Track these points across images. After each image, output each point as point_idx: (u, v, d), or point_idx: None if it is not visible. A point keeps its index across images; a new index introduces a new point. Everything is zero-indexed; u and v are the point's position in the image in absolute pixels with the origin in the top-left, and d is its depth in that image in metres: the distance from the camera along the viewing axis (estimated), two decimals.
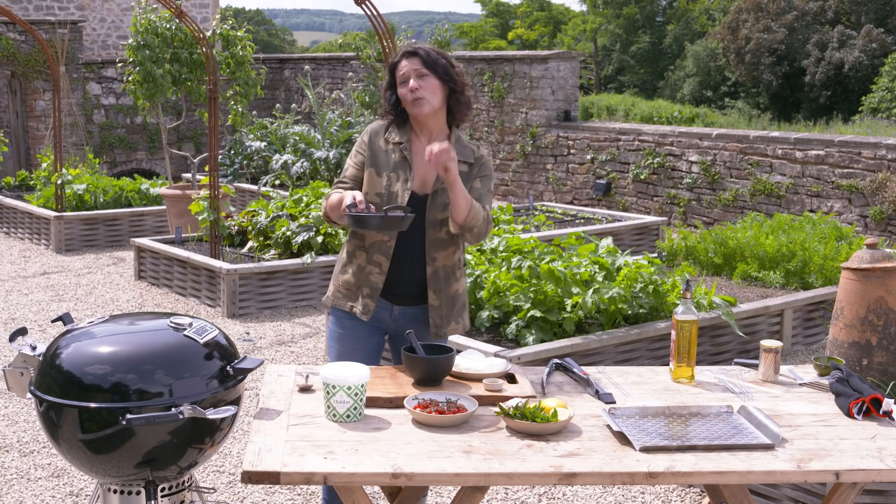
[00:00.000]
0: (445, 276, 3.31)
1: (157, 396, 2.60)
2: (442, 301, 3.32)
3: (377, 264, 3.29)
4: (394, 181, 3.25)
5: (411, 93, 3.20)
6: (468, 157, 3.31)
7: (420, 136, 3.31)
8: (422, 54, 3.23)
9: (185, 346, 2.72)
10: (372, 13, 5.77)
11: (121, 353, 2.65)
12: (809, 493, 3.69)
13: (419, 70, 3.20)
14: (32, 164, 14.60)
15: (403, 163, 3.27)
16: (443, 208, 3.24)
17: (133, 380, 2.59)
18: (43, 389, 2.66)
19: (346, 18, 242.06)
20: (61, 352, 2.70)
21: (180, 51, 10.28)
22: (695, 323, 3.07)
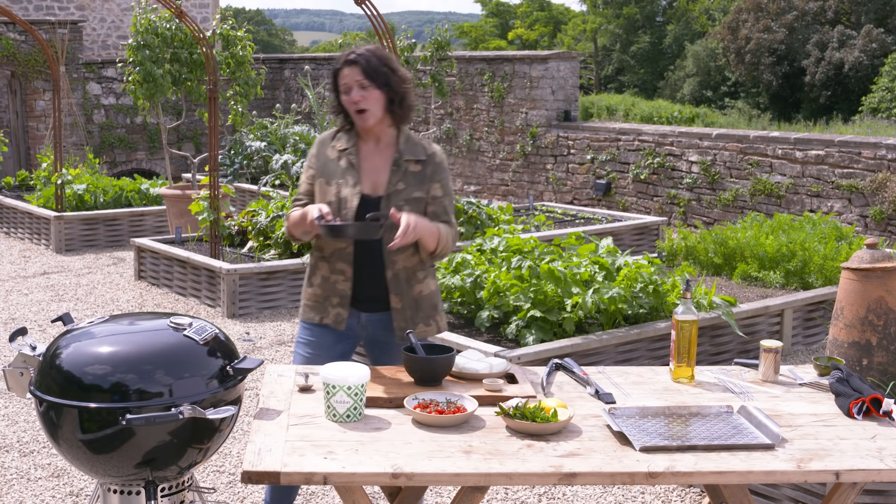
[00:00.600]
0: (407, 278, 3.27)
1: (157, 396, 2.60)
2: (405, 303, 3.28)
3: (341, 272, 3.26)
4: (342, 188, 3.22)
5: (352, 104, 3.17)
6: (419, 154, 3.27)
7: (366, 139, 3.28)
8: (362, 63, 3.16)
9: (184, 346, 2.72)
10: (372, 13, 5.76)
11: (121, 353, 2.65)
12: (809, 493, 3.69)
13: (360, 81, 3.15)
14: (32, 164, 14.60)
15: (350, 169, 3.24)
16: (398, 210, 3.18)
17: (133, 380, 2.59)
18: (43, 389, 2.66)
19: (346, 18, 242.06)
20: (61, 352, 2.70)
21: (180, 51, 10.28)
22: (695, 323, 3.07)
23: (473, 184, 14.78)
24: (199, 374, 2.68)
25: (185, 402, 2.59)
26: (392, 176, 3.23)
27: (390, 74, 3.19)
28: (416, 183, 3.25)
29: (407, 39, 12.71)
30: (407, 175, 3.24)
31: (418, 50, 12.94)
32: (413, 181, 3.25)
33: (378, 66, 3.18)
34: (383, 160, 3.26)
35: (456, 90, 14.87)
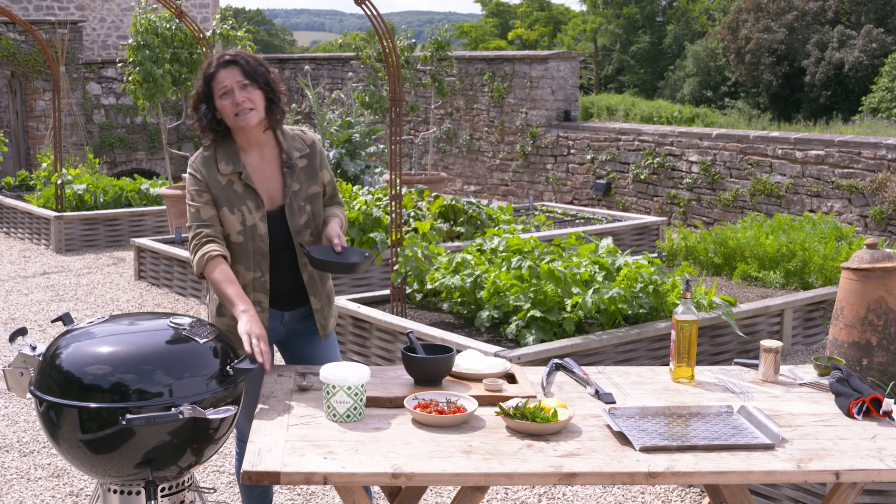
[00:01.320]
0: (320, 277, 3.28)
1: (157, 396, 2.59)
2: (322, 302, 3.29)
3: (257, 303, 3.18)
4: (246, 214, 3.11)
5: (236, 106, 3.04)
6: (302, 147, 3.23)
7: (248, 150, 3.16)
8: (242, 64, 3.06)
9: (184, 347, 2.72)
10: (372, 13, 5.76)
11: (120, 353, 2.65)
12: (809, 493, 3.69)
13: (241, 81, 3.04)
14: (32, 164, 14.60)
15: (248, 191, 3.12)
16: (300, 212, 3.17)
17: (133, 380, 2.59)
18: (43, 389, 2.66)
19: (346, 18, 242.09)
20: (61, 352, 2.70)
21: (180, 51, 10.28)
22: (695, 323, 3.07)
23: (473, 184, 14.78)
24: (198, 375, 2.67)
25: (185, 403, 2.59)
26: (286, 179, 3.16)
27: (267, 74, 3.12)
28: (307, 178, 3.21)
29: (407, 39, 12.72)
30: (298, 173, 3.20)
31: (418, 50, 12.94)
32: (305, 177, 3.21)
33: (255, 65, 3.09)
34: (271, 167, 3.18)
35: (456, 90, 14.87)
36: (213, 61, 3.11)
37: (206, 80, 3.09)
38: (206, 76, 3.09)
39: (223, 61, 3.07)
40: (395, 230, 6.12)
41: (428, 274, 6.21)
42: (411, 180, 11.73)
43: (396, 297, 6.09)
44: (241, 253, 3.16)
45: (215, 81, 3.07)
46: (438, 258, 6.33)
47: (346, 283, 7.70)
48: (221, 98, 3.06)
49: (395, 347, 5.74)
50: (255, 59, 3.13)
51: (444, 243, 8.17)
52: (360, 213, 7.85)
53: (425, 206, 8.60)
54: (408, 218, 8.12)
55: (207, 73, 3.09)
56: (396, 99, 5.94)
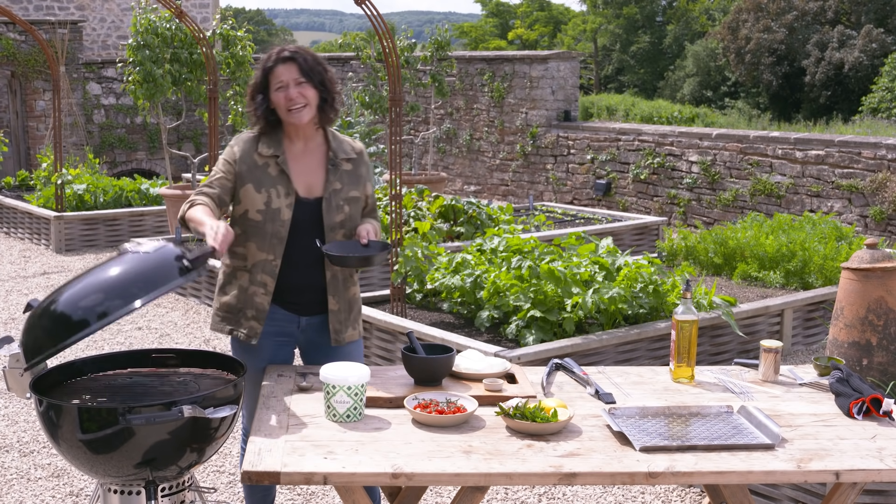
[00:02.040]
0: (343, 280, 3.26)
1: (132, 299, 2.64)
2: (341, 305, 3.27)
3: (262, 284, 3.19)
4: (273, 197, 3.15)
5: (289, 101, 3.12)
6: (350, 152, 3.28)
7: (294, 141, 3.23)
8: (300, 61, 3.13)
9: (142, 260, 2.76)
10: (372, 13, 5.76)
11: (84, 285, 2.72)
12: (809, 493, 3.69)
13: (297, 78, 3.12)
14: (32, 164, 14.60)
15: (281, 176, 3.17)
16: (338, 210, 3.19)
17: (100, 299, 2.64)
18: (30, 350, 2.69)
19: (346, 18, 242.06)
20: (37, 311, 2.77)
21: (180, 51, 10.28)
22: (695, 323, 3.07)
23: (473, 184, 14.78)
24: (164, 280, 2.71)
25: (186, 402, 2.59)
26: (329, 176, 3.21)
27: (324, 73, 3.18)
28: (350, 182, 3.25)
29: (407, 39, 12.72)
30: (342, 174, 3.23)
31: (418, 50, 12.95)
32: (348, 180, 3.25)
33: (313, 64, 3.16)
34: (315, 160, 3.23)
35: (456, 90, 14.87)
36: (274, 55, 3.18)
37: (264, 73, 3.17)
38: (264, 69, 3.18)
39: (283, 57, 3.15)
40: (395, 230, 6.12)
41: (428, 274, 6.21)
42: (411, 180, 11.73)
43: (396, 297, 6.09)
44: (256, 232, 3.17)
45: (273, 75, 3.15)
46: (438, 258, 6.33)
47: None
48: (277, 91, 3.15)
49: (395, 347, 5.75)
50: (313, 57, 3.19)
51: (444, 243, 8.17)
52: None
53: (425, 206, 8.60)
54: (408, 218, 8.12)
55: (266, 66, 3.17)
56: (396, 99, 5.95)
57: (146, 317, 7.42)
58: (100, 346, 6.62)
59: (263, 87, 3.18)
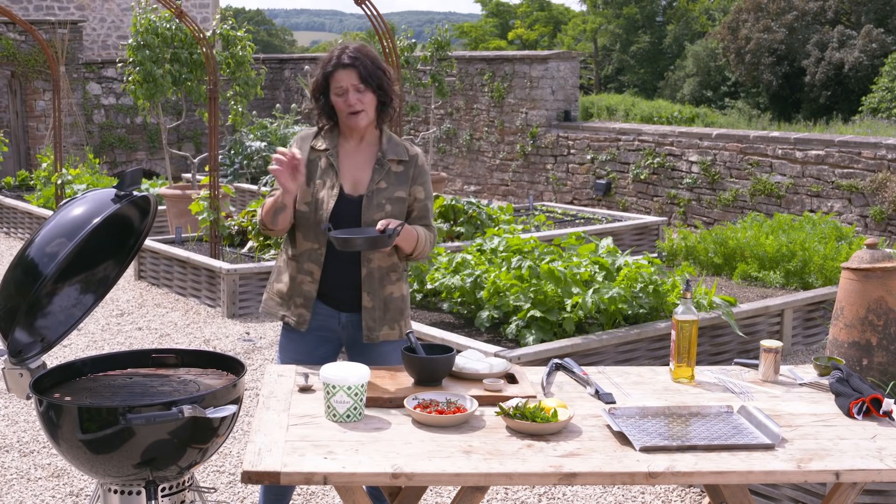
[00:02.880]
0: (380, 278, 3.27)
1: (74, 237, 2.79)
2: (375, 303, 3.27)
3: (308, 273, 3.25)
4: (320, 188, 3.21)
5: (349, 107, 3.17)
6: (402, 154, 3.29)
7: (349, 138, 3.28)
8: (360, 69, 3.16)
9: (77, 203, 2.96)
10: (372, 13, 5.76)
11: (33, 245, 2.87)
12: (809, 493, 3.69)
13: (357, 85, 3.15)
14: (32, 164, 14.60)
15: (329, 169, 3.23)
16: (378, 209, 3.20)
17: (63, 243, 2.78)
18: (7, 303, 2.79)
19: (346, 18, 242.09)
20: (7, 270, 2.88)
21: (180, 51, 10.28)
22: (695, 323, 3.07)
23: (473, 184, 14.78)
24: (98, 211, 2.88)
25: (186, 402, 2.59)
26: (374, 174, 3.23)
27: (383, 77, 3.21)
28: (397, 183, 3.26)
29: (407, 39, 12.72)
30: (389, 174, 3.25)
31: (418, 50, 12.94)
32: (395, 181, 3.26)
33: (373, 69, 3.19)
34: (365, 158, 3.26)
35: (456, 90, 14.87)
36: (335, 58, 3.20)
37: (324, 76, 3.21)
38: (325, 72, 3.21)
39: (342, 62, 3.17)
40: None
41: (428, 274, 6.21)
42: None
43: None
44: (303, 222, 3.24)
45: (333, 79, 3.19)
46: (438, 258, 6.33)
47: None
48: (336, 96, 3.19)
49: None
50: (373, 61, 3.20)
51: (444, 243, 8.17)
52: None
53: None
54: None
55: (327, 70, 3.21)
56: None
57: (146, 317, 7.42)
58: (100, 346, 6.62)
59: (325, 88, 3.22)
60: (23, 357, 2.93)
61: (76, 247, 2.79)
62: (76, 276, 3.08)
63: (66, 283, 3.05)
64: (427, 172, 3.35)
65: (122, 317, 7.43)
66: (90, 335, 6.88)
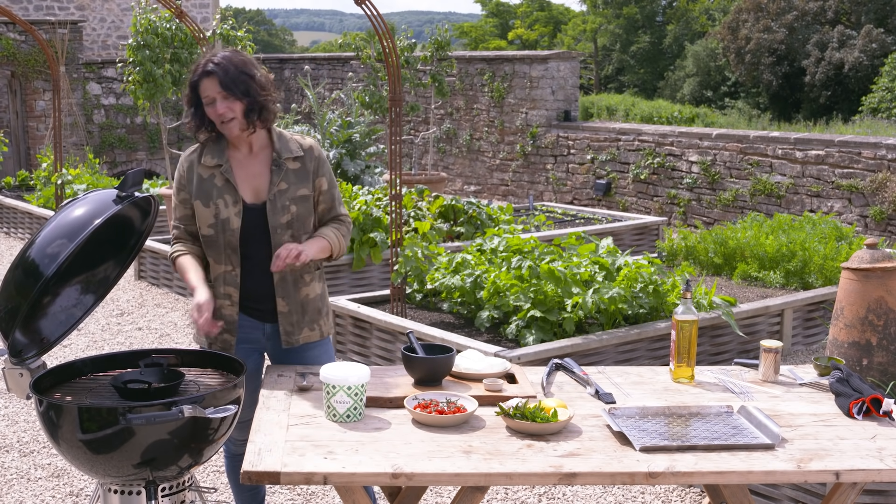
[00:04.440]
0: (294, 281, 3.21)
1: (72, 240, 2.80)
2: (291, 307, 3.21)
3: (227, 296, 3.19)
4: (221, 208, 3.13)
5: (217, 116, 3.08)
6: (296, 150, 3.21)
7: (238, 147, 3.19)
8: (219, 74, 3.05)
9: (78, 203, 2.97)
10: (372, 13, 5.76)
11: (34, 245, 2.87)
12: (809, 493, 3.69)
13: (221, 93, 3.06)
14: (32, 164, 14.60)
15: (227, 186, 3.14)
16: (283, 211, 3.14)
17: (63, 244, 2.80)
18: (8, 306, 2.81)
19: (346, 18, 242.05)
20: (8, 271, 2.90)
21: (180, 51, 10.28)
22: (695, 323, 3.07)
23: (473, 184, 14.78)
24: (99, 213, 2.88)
25: (186, 402, 2.59)
26: (273, 177, 3.15)
27: (249, 82, 3.09)
28: (298, 181, 3.18)
29: (407, 39, 12.72)
30: (288, 174, 3.17)
31: (418, 50, 12.94)
32: (295, 179, 3.18)
33: (236, 75, 3.07)
34: (260, 164, 3.18)
35: (456, 90, 14.87)
36: (199, 68, 3.11)
37: (191, 88, 3.13)
38: (191, 83, 3.13)
39: (203, 71, 3.09)
40: (395, 230, 6.12)
41: (428, 274, 6.21)
42: (411, 180, 11.73)
43: (396, 297, 6.09)
44: (211, 246, 3.18)
45: (200, 88, 3.10)
46: (438, 258, 6.33)
47: (346, 284, 7.70)
48: (207, 106, 3.11)
49: (395, 347, 5.74)
50: (235, 66, 3.08)
51: (444, 243, 8.17)
52: (360, 214, 7.85)
53: (425, 206, 8.60)
54: (408, 218, 8.12)
55: (192, 81, 3.12)
56: (396, 99, 5.95)
57: (146, 317, 7.42)
58: (100, 346, 6.62)
59: (195, 100, 3.13)
60: (23, 357, 2.93)
61: (77, 248, 2.78)
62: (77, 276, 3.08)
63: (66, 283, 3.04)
64: (326, 161, 3.26)
65: (122, 317, 7.43)
66: (90, 335, 6.88)
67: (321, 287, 3.32)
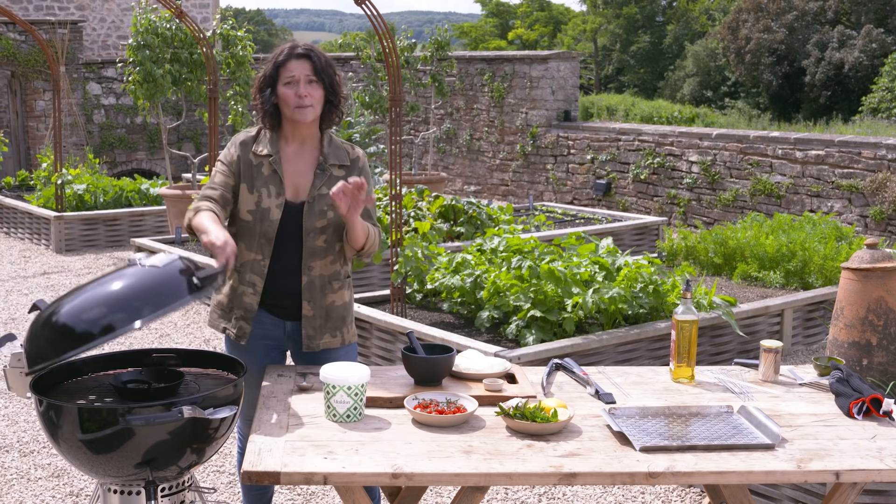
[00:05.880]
0: (321, 287, 3.20)
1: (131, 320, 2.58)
2: (316, 312, 3.21)
3: (251, 284, 3.19)
4: (264, 196, 3.13)
5: (299, 98, 3.08)
6: (343, 159, 3.22)
7: (291, 141, 3.20)
8: (315, 60, 3.10)
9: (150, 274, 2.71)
10: (372, 13, 5.76)
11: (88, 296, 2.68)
12: (809, 493, 3.69)
13: (309, 76, 3.08)
14: (32, 164, 14.60)
15: (273, 176, 3.15)
16: (320, 216, 3.15)
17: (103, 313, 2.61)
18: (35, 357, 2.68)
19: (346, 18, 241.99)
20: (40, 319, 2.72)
21: (180, 51, 10.28)
22: (695, 323, 3.07)
23: (473, 184, 14.78)
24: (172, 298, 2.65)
25: (185, 402, 2.59)
26: (316, 180, 3.16)
27: (334, 77, 3.15)
28: None
29: (407, 39, 12.72)
30: (331, 179, 3.17)
31: (418, 50, 12.95)
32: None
33: (325, 66, 3.14)
34: (306, 164, 3.19)
35: (456, 90, 14.87)
36: (287, 49, 3.15)
37: (275, 66, 3.13)
38: (276, 62, 3.13)
39: (297, 52, 3.12)
40: (395, 230, 6.12)
41: (428, 274, 6.21)
42: (411, 180, 11.73)
43: (396, 297, 6.09)
44: (246, 232, 3.17)
45: (284, 69, 3.11)
46: (438, 258, 6.33)
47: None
48: (286, 86, 3.11)
49: (395, 347, 5.74)
50: (326, 58, 3.16)
51: (444, 243, 8.17)
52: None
53: (425, 206, 8.60)
54: (408, 218, 8.12)
55: (278, 60, 3.13)
56: (396, 99, 5.94)
57: None
58: (100, 346, 6.61)
59: (273, 80, 3.14)
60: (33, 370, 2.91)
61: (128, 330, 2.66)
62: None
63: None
64: (368, 172, 3.26)
65: None
66: None
67: (349, 295, 3.30)
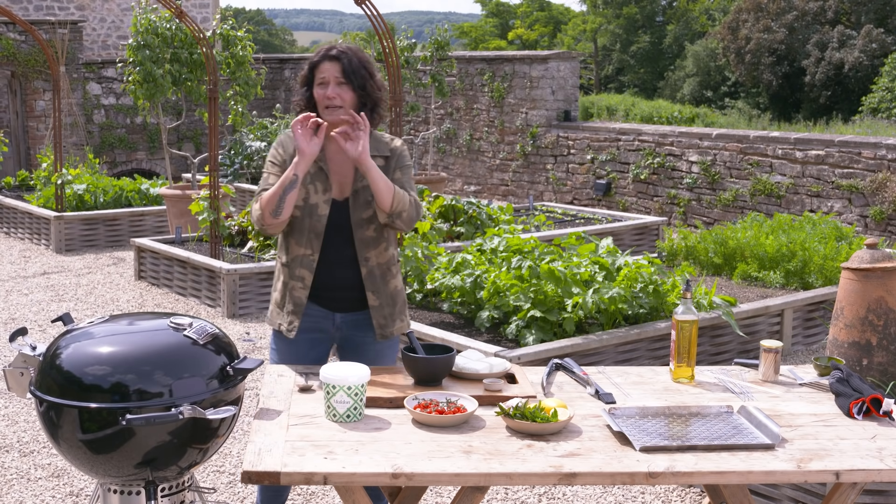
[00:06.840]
0: (381, 275, 3.27)
1: (157, 396, 2.59)
2: (382, 300, 3.27)
3: (300, 278, 3.24)
4: (311, 193, 3.20)
5: (326, 99, 3.16)
6: (383, 150, 3.27)
7: (332, 140, 3.23)
8: (344, 62, 3.16)
9: (184, 347, 2.71)
10: (372, 13, 5.76)
11: (120, 353, 2.65)
12: (809, 493, 3.69)
13: (338, 78, 3.15)
14: (32, 164, 14.60)
15: (319, 173, 3.21)
16: (366, 206, 3.20)
17: (132, 380, 2.59)
18: (43, 390, 2.66)
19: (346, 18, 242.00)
20: (61, 352, 2.69)
21: (180, 51, 10.28)
22: (695, 323, 3.07)
23: (473, 184, 14.78)
24: (198, 375, 2.67)
25: (185, 403, 2.59)
26: (358, 173, 3.22)
27: (367, 78, 3.20)
28: None
29: (407, 39, 12.72)
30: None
31: (418, 50, 12.95)
32: None
33: (358, 67, 3.18)
34: (349, 160, 3.23)
35: (456, 90, 14.87)
36: (322, 51, 3.22)
37: (310, 67, 3.23)
38: (311, 63, 3.23)
39: (329, 54, 3.19)
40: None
41: (428, 274, 6.21)
42: None
43: None
44: (295, 228, 3.23)
45: (318, 70, 3.20)
46: (438, 258, 6.33)
47: None
48: (318, 87, 3.19)
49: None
50: (359, 60, 3.19)
51: (444, 243, 8.17)
52: None
53: (425, 206, 8.60)
54: None
55: (313, 61, 3.23)
56: (396, 99, 5.95)
57: None
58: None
59: (309, 81, 3.23)
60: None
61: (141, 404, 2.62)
62: None
63: None
64: (407, 159, 3.31)
65: None
66: None
67: (401, 280, 3.40)
